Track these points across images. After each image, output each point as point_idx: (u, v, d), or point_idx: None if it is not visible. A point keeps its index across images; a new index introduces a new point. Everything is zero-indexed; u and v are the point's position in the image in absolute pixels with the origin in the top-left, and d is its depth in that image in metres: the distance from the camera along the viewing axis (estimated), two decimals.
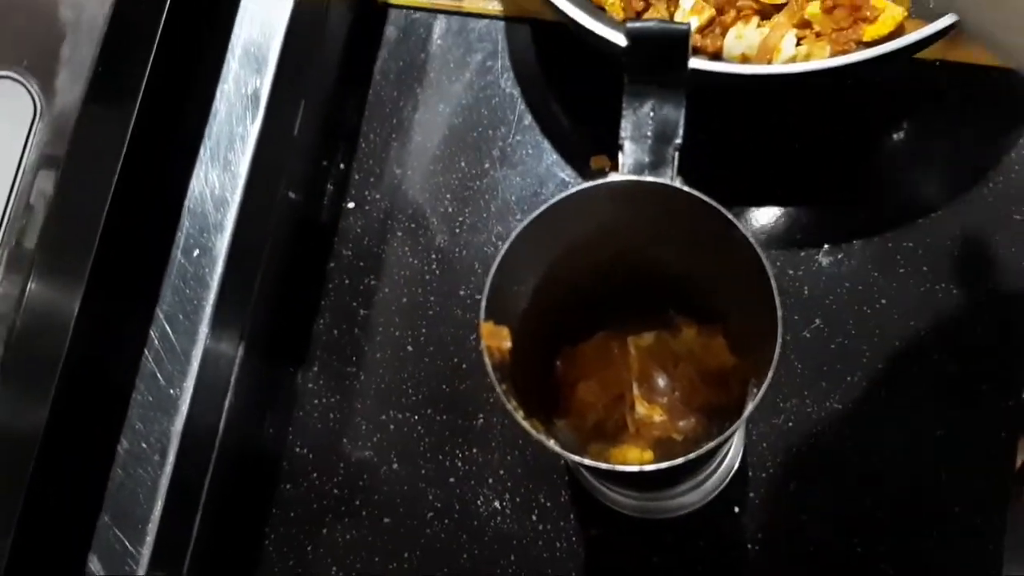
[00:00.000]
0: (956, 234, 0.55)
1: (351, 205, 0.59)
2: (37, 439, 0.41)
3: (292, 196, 0.55)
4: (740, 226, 0.38)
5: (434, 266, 0.57)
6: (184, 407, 0.45)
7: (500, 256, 0.38)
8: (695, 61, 0.50)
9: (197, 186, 0.48)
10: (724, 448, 0.49)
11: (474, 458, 0.53)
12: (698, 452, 0.36)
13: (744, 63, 0.53)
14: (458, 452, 0.54)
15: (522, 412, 0.38)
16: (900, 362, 0.53)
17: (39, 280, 0.42)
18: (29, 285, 0.42)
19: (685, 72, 0.39)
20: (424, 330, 0.56)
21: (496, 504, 0.53)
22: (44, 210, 0.43)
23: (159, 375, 0.46)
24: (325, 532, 0.53)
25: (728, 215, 0.38)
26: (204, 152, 0.48)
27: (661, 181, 0.39)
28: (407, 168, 0.59)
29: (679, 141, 0.40)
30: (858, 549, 0.50)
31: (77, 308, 0.43)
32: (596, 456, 0.42)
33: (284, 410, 0.55)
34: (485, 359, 0.38)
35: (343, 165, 0.59)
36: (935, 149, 0.57)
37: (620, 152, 0.40)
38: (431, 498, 0.53)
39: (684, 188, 0.39)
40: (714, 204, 0.38)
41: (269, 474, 0.54)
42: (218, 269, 0.47)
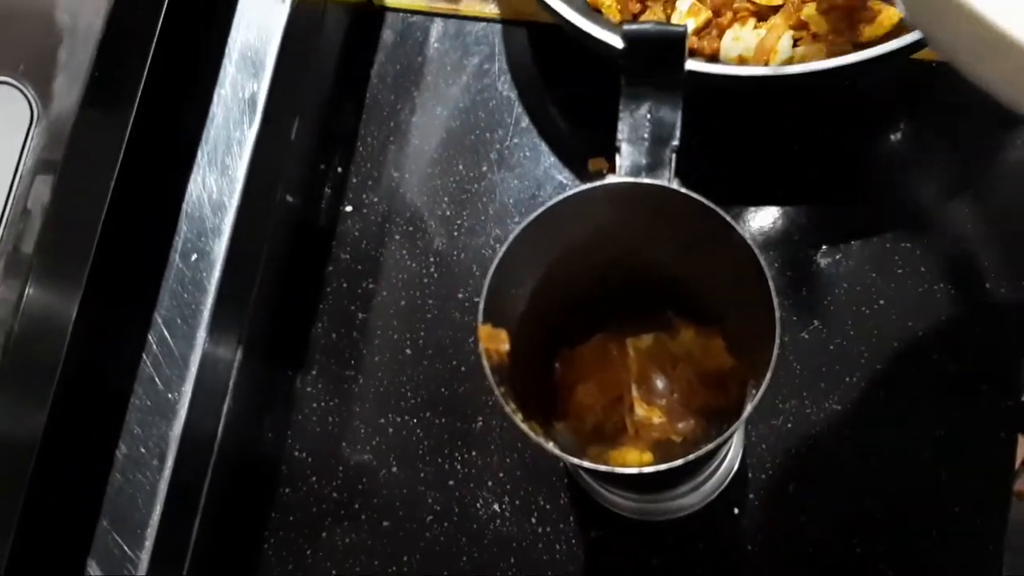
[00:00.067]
0: (954, 234, 0.55)
1: (349, 209, 0.59)
2: (35, 444, 0.41)
3: (290, 200, 0.55)
4: (738, 227, 0.38)
5: (432, 269, 0.57)
6: (182, 411, 0.45)
7: (498, 259, 0.38)
8: (692, 63, 0.50)
9: (195, 190, 0.48)
10: (723, 449, 0.49)
11: (473, 461, 0.53)
12: (697, 453, 0.36)
13: (741, 65, 0.53)
14: (457, 455, 0.54)
15: (521, 415, 0.38)
16: (899, 363, 0.53)
17: (37, 285, 0.42)
18: (27, 290, 0.42)
19: (682, 74, 0.39)
20: (422, 333, 0.56)
21: (495, 507, 0.53)
22: (41, 215, 0.43)
23: (157, 379, 0.46)
24: (324, 536, 0.53)
25: (726, 216, 0.38)
26: (201, 156, 0.48)
27: (658, 183, 0.39)
28: (404, 171, 0.59)
29: (676, 143, 0.40)
30: (857, 550, 0.50)
31: (75, 313, 0.43)
32: (595, 458, 0.42)
33: (283, 414, 0.55)
34: (483, 362, 0.38)
35: (340, 169, 0.59)
36: (932, 150, 0.57)
37: (617, 154, 0.40)
38: (430, 501, 0.53)
39: (681, 190, 0.39)
40: (711, 205, 0.38)
41: (268, 478, 0.54)
42: (216, 273, 0.47)
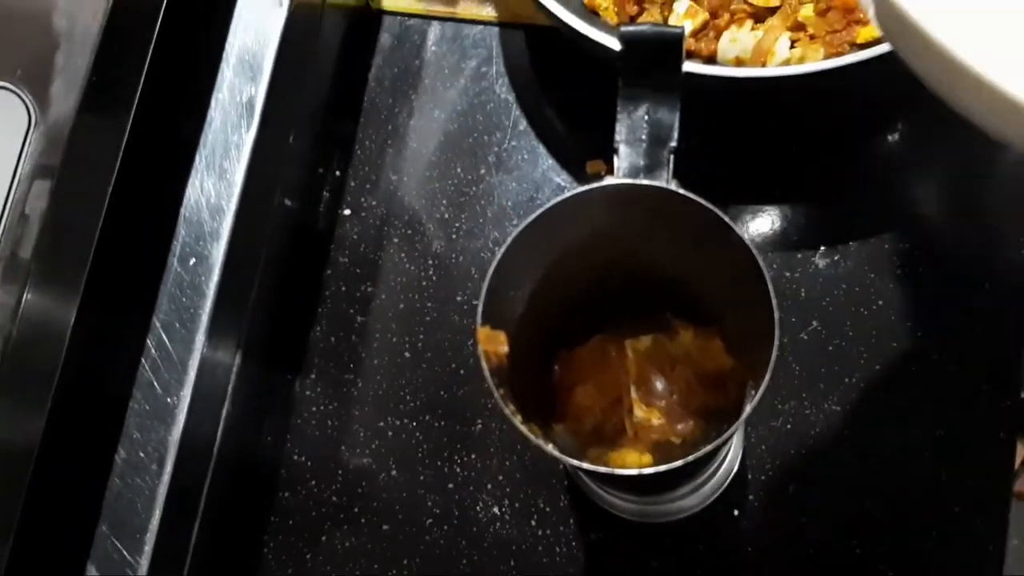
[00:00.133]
0: (952, 234, 0.55)
1: (347, 212, 0.59)
2: (34, 448, 0.41)
3: (288, 204, 0.54)
4: (736, 228, 0.38)
5: (431, 272, 0.57)
6: (181, 416, 0.45)
7: (496, 260, 0.38)
8: (689, 65, 0.50)
9: (193, 194, 0.48)
10: (723, 451, 0.49)
11: (473, 464, 0.53)
12: (696, 455, 0.36)
13: (738, 66, 0.53)
14: (456, 458, 0.54)
15: (520, 416, 0.38)
16: (898, 363, 0.53)
17: (35, 290, 0.42)
18: (25, 295, 0.42)
19: (679, 75, 0.39)
20: (421, 336, 0.56)
21: (495, 510, 0.52)
22: (39, 220, 0.43)
23: (156, 384, 0.45)
24: (324, 540, 0.53)
25: (724, 217, 0.38)
26: (200, 160, 0.48)
27: (657, 184, 0.39)
28: (403, 174, 0.59)
29: (674, 144, 0.40)
30: (857, 551, 0.50)
31: (73, 318, 0.43)
32: (594, 460, 0.42)
33: (282, 418, 0.55)
34: (482, 364, 0.38)
35: (339, 172, 0.59)
36: (930, 150, 0.57)
37: (615, 156, 0.40)
38: (430, 504, 0.53)
39: (680, 191, 0.39)
40: (710, 206, 0.38)
41: (267, 482, 0.54)
42: (214, 277, 0.47)
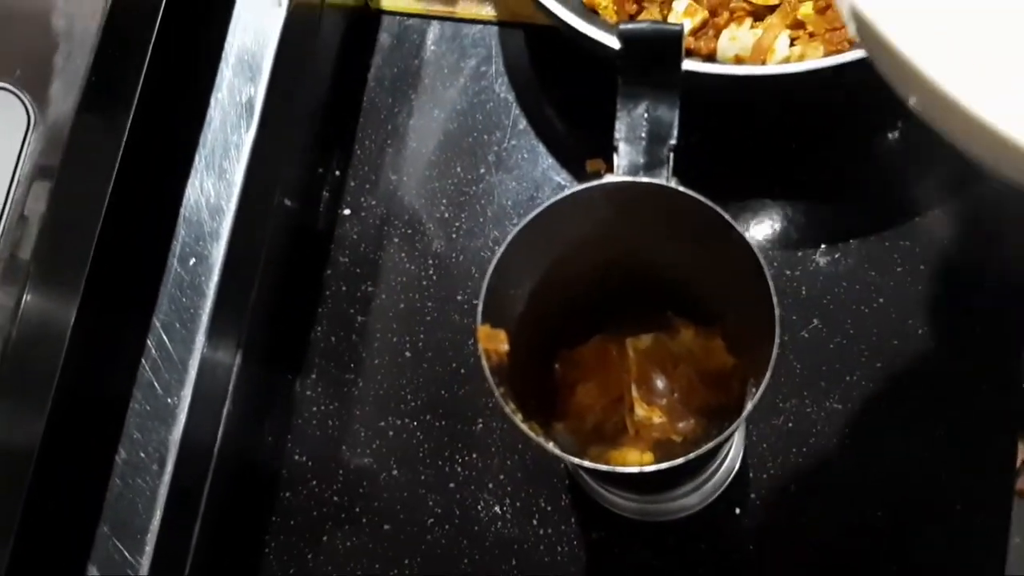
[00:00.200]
0: (953, 232, 0.55)
1: (347, 212, 0.59)
2: (35, 449, 0.41)
3: (288, 203, 0.54)
4: (737, 226, 0.38)
5: (431, 271, 0.57)
6: (182, 416, 0.45)
7: (497, 258, 0.38)
8: (689, 63, 0.50)
9: (192, 194, 0.48)
10: (724, 449, 0.49)
11: (474, 463, 0.53)
12: (698, 452, 0.36)
13: (738, 64, 0.53)
14: (458, 457, 0.53)
15: (521, 415, 0.38)
16: (899, 361, 0.53)
17: (34, 291, 0.42)
18: (24, 296, 0.42)
19: (679, 73, 0.39)
20: (422, 336, 0.56)
21: (496, 509, 0.52)
22: (39, 221, 0.43)
23: (156, 384, 0.45)
24: (325, 539, 0.53)
25: (724, 215, 0.38)
26: (199, 161, 0.48)
27: (657, 182, 0.39)
28: (403, 174, 0.59)
29: (674, 142, 0.40)
30: (859, 549, 0.50)
31: (73, 318, 0.43)
32: (596, 459, 0.42)
33: (283, 418, 0.55)
34: (483, 362, 0.38)
35: (338, 172, 0.59)
36: (931, 147, 0.57)
37: (615, 154, 0.40)
38: (431, 504, 0.53)
39: (680, 188, 0.39)
40: (711, 204, 0.38)
41: (268, 482, 0.54)
42: (214, 277, 0.47)
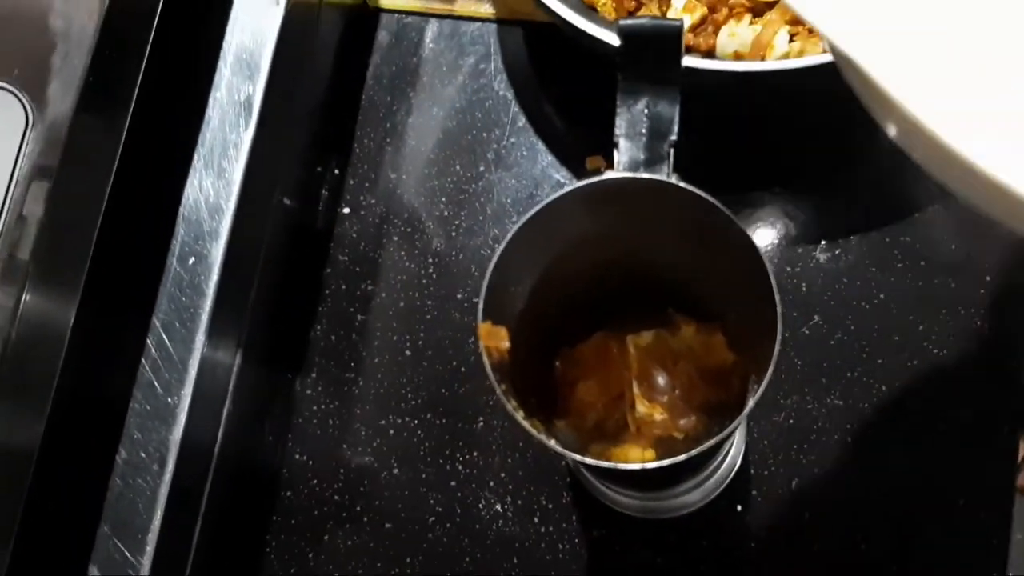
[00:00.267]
0: (952, 228, 0.55)
1: (346, 210, 0.59)
2: (35, 450, 0.41)
3: (287, 202, 0.54)
4: (737, 222, 0.38)
5: (431, 270, 0.57)
6: (182, 416, 0.45)
7: (497, 256, 0.38)
8: (688, 59, 0.50)
9: (191, 194, 0.48)
10: (725, 446, 0.48)
11: (475, 461, 0.53)
12: (700, 449, 0.36)
13: (737, 61, 0.53)
14: (458, 456, 0.53)
15: (522, 412, 0.38)
16: (899, 357, 0.53)
17: (34, 291, 0.42)
18: (24, 296, 0.42)
19: (679, 68, 0.39)
20: (422, 334, 0.56)
21: (498, 507, 0.52)
22: (38, 221, 0.43)
23: (156, 384, 0.45)
24: (327, 539, 0.53)
25: (725, 210, 0.38)
26: (198, 160, 0.48)
27: (657, 178, 0.39)
28: (402, 172, 0.59)
29: (674, 138, 0.39)
30: (862, 545, 0.50)
31: (72, 318, 0.43)
32: (597, 456, 0.42)
33: (283, 417, 0.55)
34: (484, 360, 0.38)
35: (337, 170, 0.59)
36: None
37: (615, 150, 0.40)
38: (432, 502, 0.53)
39: (681, 184, 0.39)
40: (711, 200, 0.38)
41: (269, 481, 0.54)
42: (214, 277, 0.47)
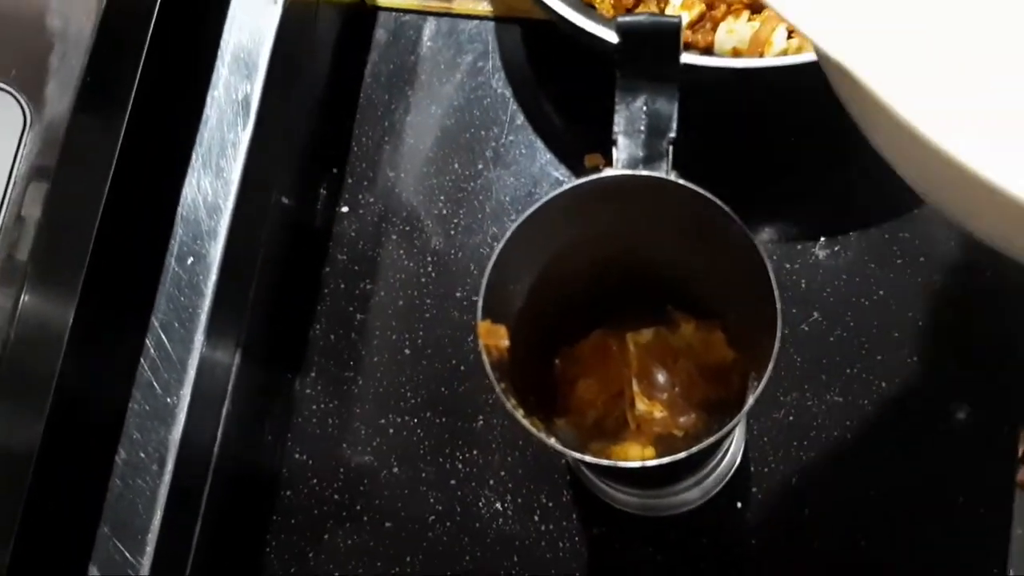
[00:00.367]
0: (952, 224, 0.55)
1: (345, 209, 0.58)
2: (34, 451, 0.41)
3: (285, 201, 0.54)
4: (737, 219, 0.37)
5: (430, 268, 0.57)
6: (181, 416, 0.45)
7: (496, 254, 0.38)
8: (686, 56, 0.50)
9: (190, 193, 0.48)
10: (725, 443, 0.48)
11: (475, 460, 0.53)
12: (699, 446, 0.36)
13: (736, 57, 0.53)
14: (458, 454, 0.53)
15: (522, 411, 0.38)
16: (899, 354, 0.53)
17: (32, 292, 0.42)
18: (22, 297, 0.41)
19: (677, 65, 0.39)
20: (421, 333, 0.56)
21: (498, 505, 0.52)
22: (36, 221, 0.43)
23: (155, 384, 0.45)
24: (327, 538, 0.53)
25: (725, 207, 0.38)
26: (196, 159, 0.48)
27: (656, 175, 0.39)
28: (400, 171, 0.59)
29: (673, 135, 0.39)
30: (862, 543, 0.50)
31: (71, 319, 0.43)
32: (597, 454, 0.42)
33: (282, 416, 0.55)
34: (483, 358, 0.38)
35: (336, 169, 0.59)
36: None
37: (614, 147, 0.40)
38: (432, 501, 0.53)
39: (680, 181, 0.39)
40: (710, 197, 0.38)
41: (269, 481, 0.54)
42: (212, 276, 0.47)
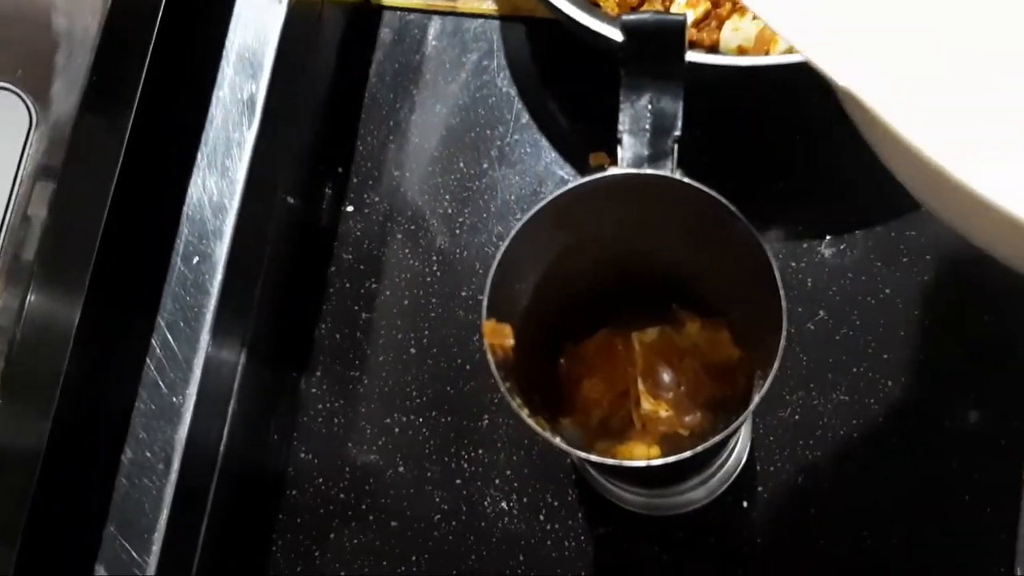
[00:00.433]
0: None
1: (350, 208, 0.58)
2: (41, 450, 0.41)
3: (290, 201, 0.54)
4: (742, 217, 0.37)
5: (435, 268, 0.57)
6: (187, 415, 0.45)
7: (501, 254, 0.38)
8: (692, 54, 0.50)
9: (195, 193, 0.48)
10: (731, 442, 0.48)
11: (480, 459, 0.53)
12: (705, 445, 0.36)
13: (741, 55, 0.53)
14: (464, 453, 0.53)
15: (527, 410, 0.38)
16: (905, 352, 0.53)
17: (39, 292, 0.42)
18: (29, 297, 0.41)
19: (682, 64, 0.39)
20: (427, 332, 0.56)
21: (503, 505, 0.52)
22: (42, 221, 0.43)
23: (161, 383, 0.45)
24: (332, 537, 0.53)
25: (730, 206, 0.38)
26: (201, 159, 0.48)
27: (661, 173, 0.39)
28: (405, 170, 0.59)
29: (678, 133, 0.39)
30: (868, 541, 0.50)
31: (77, 318, 0.43)
32: (602, 453, 0.42)
33: (288, 415, 0.55)
34: (488, 357, 0.38)
35: (341, 169, 0.59)
36: None
37: (619, 146, 0.40)
38: (438, 500, 0.53)
39: (685, 180, 0.39)
40: (716, 195, 0.38)
41: (274, 480, 0.54)
42: (218, 276, 0.47)
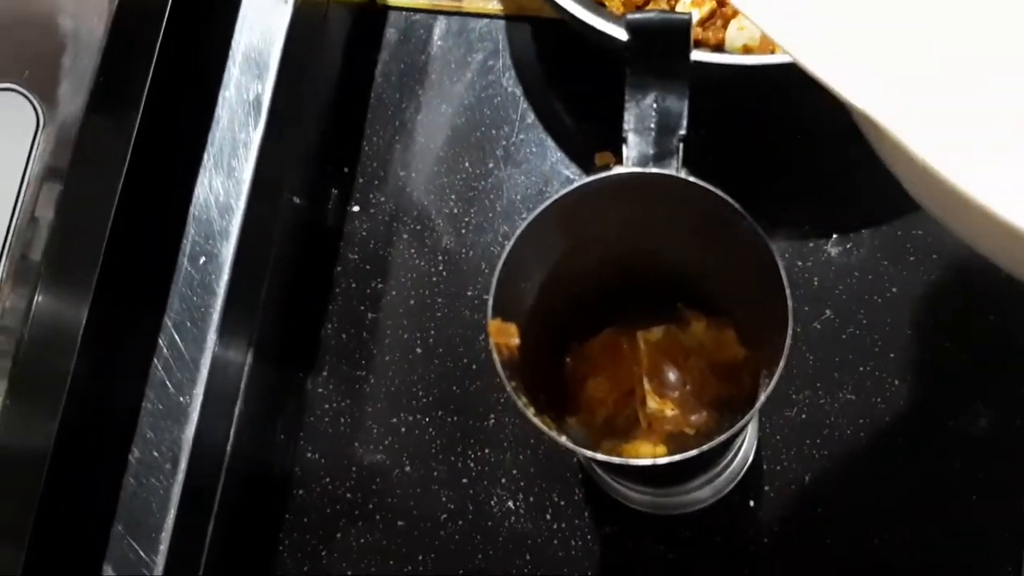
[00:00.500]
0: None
1: (356, 208, 0.59)
2: (48, 450, 0.41)
3: (296, 201, 0.54)
4: (748, 216, 0.37)
5: (441, 267, 0.57)
6: (194, 415, 0.45)
7: (506, 253, 0.38)
8: (697, 53, 0.50)
9: (202, 193, 0.48)
10: (737, 441, 0.48)
11: (486, 458, 0.53)
12: (711, 444, 0.36)
13: (746, 54, 0.53)
14: (470, 453, 0.53)
15: (532, 409, 0.38)
16: (912, 351, 0.53)
17: (46, 292, 0.42)
18: (36, 297, 0.42)
19: (687, 63, 0.39)
20: (433, 332, 0.56)
21: (510, 504, 0.52)
22: (49, 221, 0.43)
23: (168, 383, 0.46)
24: (339, 537, 0.53)
25: (736, 205, 0.38)
26: (208, 159, 0.48)
27: (666, 172, 0.39)
28: (411, 170, 0.59)
29: (683, 132, 0.39)
30: (875, 540, 0.50)
31: (85, 319, 0.43)
32: (608, 452, 0.42)
33: (295, 415, 0.55)
34: (494, 357, 0.38)
35: (347, 169, 0.59)
36: None
37: (624, 145, 0.40)
38: (444, 500, 0.53)
39: (690, 179, 0.39)
40: (721, 194, 0.38)
41: (281, 480, 0.54)
42: (225, 276, 0.47)
